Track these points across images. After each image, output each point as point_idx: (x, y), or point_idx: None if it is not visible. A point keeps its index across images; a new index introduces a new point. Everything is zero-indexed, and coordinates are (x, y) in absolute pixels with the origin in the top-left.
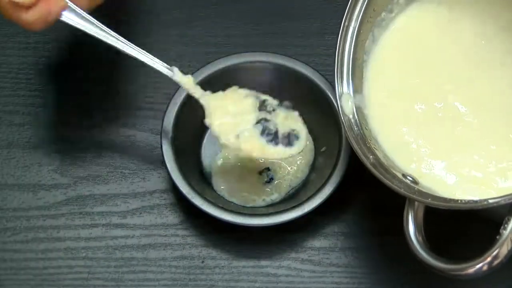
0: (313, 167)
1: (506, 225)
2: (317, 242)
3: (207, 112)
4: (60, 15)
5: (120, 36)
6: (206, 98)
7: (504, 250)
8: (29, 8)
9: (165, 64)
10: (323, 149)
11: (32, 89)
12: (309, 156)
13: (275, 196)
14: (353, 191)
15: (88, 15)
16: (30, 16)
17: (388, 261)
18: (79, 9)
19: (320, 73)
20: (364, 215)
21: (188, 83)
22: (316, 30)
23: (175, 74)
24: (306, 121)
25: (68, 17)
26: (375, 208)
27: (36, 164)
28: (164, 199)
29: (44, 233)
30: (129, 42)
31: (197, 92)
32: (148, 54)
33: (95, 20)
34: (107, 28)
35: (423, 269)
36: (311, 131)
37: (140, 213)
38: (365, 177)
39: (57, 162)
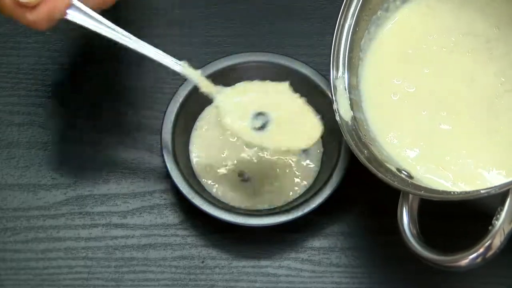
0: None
1: (498, 216)
2: (317, 242)
3: (220, 111)
4: (65, 13)
5: (126, 32)
6: (218, 93)
7: (497, 241)
8: (33, 8)
9: (174, 59)
10: (322, 150)
11: (32, 89)
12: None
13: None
14: (353, 191)
15: (94, 12)
16: (35, 16)
17: (388, 261)
18: (84, 6)
19: (320, 73)
20: (364, 215)
21: (197, 77)
22: (316, 30)
23: (185, 69)
24: None
25: (74, 16)
26: (375, 208)
27: (36, 164)
28: (164, 199)
29: (44, 233)
30: (136, 38)
31: (206, 86)
32: (157, 49)
33: (101, 17)
34: (114, 25)
35: (424, 269)
36: None
37: (140, 213)
38: (365, 177)
39: (57, 162)
